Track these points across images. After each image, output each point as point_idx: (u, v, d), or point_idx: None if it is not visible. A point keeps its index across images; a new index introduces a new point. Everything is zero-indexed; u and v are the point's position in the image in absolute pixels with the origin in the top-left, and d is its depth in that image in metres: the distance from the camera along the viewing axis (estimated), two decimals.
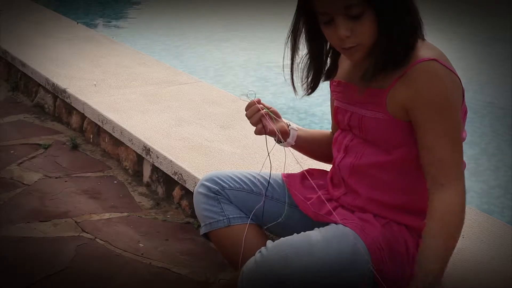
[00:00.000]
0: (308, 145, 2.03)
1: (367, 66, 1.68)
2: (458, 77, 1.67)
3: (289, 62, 1.77)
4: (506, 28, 7.37)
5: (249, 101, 1.92)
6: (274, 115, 1.92)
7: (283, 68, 1.79)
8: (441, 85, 1.61)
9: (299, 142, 2.00)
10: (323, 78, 1.82)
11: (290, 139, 1.98)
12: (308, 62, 1.79)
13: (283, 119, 1.98)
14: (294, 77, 1.79)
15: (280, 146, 2.01)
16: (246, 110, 1.93)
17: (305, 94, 1.85)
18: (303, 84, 1.82)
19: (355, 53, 1.67)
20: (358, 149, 1.80)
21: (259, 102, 1.91)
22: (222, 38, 6.99)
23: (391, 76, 1.66)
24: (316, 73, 1.79)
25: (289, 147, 2.01)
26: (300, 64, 1.78)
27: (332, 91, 1.90)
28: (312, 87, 1.82)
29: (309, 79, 1.80)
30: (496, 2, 8.70)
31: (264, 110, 1.90)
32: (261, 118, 1.89)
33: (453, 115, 1.64)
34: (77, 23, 5.42)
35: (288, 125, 1.99)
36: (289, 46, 1.75)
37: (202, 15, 7.98)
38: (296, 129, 2.01)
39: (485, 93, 5.41)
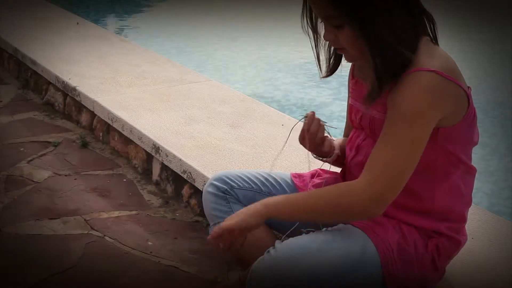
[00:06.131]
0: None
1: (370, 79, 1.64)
2: (463, 87, 1.61)
3: (312, 41, 1.73)
4: None
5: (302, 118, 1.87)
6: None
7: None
8: (419, 97, 1.54)
9: (342, 153, 1.94)
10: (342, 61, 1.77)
11: (338, 150, 1.93)
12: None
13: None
14: (321, 56, 1.75)
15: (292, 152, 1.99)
16: (306, 126, 1.86)
17: (324, 75, 1.80)
18: (327, 64, 1.78)
19: (347, 57, 1.68)
20: (368, 148, 1.78)
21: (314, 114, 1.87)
22: (231, 37, 6.98)
23: None
24: (337, 54, 1.76)
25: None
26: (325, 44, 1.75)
27: (350, 88, 1.87)
28: (331, 70, 1.79)
29: (331, 60, 1.77)
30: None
31: (322, 122, 1.86)
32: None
33: (414, 129, 1.56)
34: (77, 23, 5.41)
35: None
36: (307, 24, 1.71)
37: (211, 14, 7.98)
38: (335, 139, 1.98)
39: (496, 94, 5.38)
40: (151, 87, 3.80)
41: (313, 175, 2.01)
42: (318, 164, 2.13)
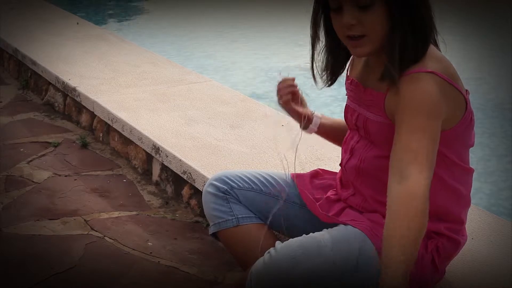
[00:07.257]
0: (331, 131, 2.05)
1: (381, 65, 1.66)
2: (461, 91, 1.63)
3: (310, 52, 1.77)
4: None
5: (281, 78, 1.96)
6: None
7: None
8: (425, 92, 1.56)
9: (322, 129, 2.03)
10: (342, 70, 1.81)
11: (313, 126, 2.02)
12: (326, 54, 1.78)
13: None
14: (315, 67, 1.79)
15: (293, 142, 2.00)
16: (279, 85, 1.96)
17: (324, 86, 1.83)
18: (322, 76, 1.81)
19: (361, 47, 1.64)
20: (362, 151, 1.78)
21: (293, 80, 1.94)
22: (231, 37, 6.98)
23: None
24: (334, 66, 1.78)
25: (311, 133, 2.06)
26: (320, 55, 1.78)
27: (346, 89, 1.88)
28: (331, 80, 1.81)
29: (328, 72, 1.80)
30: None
31: (298, 88, 1.95)
32: (292, 96, 1.94)
33: (431, 119, 1.57)
34: (77, 23, 5.42)
35: (313, 112, 2.02)
36: (310, 35, 1.74)
37: (211, 14, 7.98)
38: (320, 116, 2.04)
39: (495, 94, 5.38)
40: (151, 87, 3.80)
41: (313, 175, 2.01)
42: (317, 165, 2.14)
